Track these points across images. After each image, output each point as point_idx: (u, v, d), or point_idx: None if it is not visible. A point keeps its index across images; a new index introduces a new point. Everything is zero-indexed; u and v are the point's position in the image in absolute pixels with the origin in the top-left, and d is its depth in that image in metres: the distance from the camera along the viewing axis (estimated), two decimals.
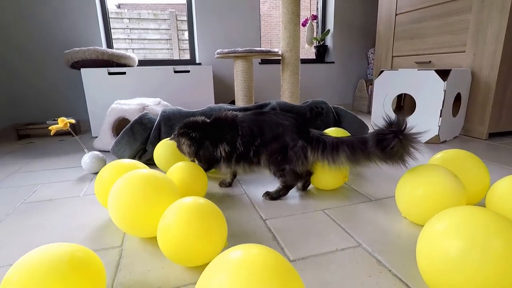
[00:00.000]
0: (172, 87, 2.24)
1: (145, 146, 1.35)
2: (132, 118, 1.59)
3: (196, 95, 2.31)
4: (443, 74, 1.69)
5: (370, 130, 1.59)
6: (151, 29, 4.89)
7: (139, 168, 0.92)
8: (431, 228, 0.57)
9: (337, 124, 1.64)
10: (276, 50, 2.21)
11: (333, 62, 3.38)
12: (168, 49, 5.04)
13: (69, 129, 1.30)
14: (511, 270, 0.47)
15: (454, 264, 0.50)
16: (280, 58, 2.26)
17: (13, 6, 2.22)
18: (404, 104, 2.44)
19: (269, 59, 3.11)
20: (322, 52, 3.39)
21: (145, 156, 1.35)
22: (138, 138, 1.34)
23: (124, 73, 2.12)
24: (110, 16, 2.70)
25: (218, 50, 2.12)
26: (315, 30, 3.28)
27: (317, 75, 3.35)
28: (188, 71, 2.25)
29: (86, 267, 0.48)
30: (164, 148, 1.22)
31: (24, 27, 2.27)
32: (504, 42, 1.71)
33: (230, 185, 1.16)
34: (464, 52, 1.93)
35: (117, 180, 0.84)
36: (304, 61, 3.28)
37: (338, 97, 3.49)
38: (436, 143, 1.79)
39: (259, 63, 3.05)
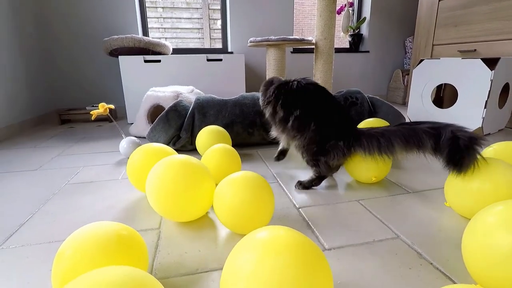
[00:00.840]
0: (205, 75, 2.27)
1: (179, 132, 1.38)
2: (167, 105, 1.63)
3: (228, 84, 2.32)
4: (491, 62, 1.58)
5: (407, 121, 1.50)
6: (184, 18, 4.95)
7: (168, 152, 0.95)
8: (480, 220, 0.54)
9: (372, 114, 1.58)
10: (309, 38, 2.16)
11: (368, 52, 3.25)
12: (199, 38, 5.09)
13: (108, 115, 1.35)
14: None
15: (505, 259, 0.47)
16: (313, 47, 2.21)
17: None
18: (444, 95, 2.31)
19: (302, 48, 3.06)
20: (356, 41, 3.27)
21: (179, 143, 1.38)
22: (172, 124, 1.37)
23: (159, 61, 2.16)
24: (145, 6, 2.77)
25: (251, 39, 2.10)
26: (350, 18, 3.16)
27: (351, 65, 3.24)
28: (221, 60, 2.26)
29: (131, 245, 0.50)
30: (206, 135, 1.25)
31: (66, 16, 2.38)
32: None
33: (277, 159, 1.22)
34: None
35: (148, 163, 0.89)
36: (337, 50, 3.19)
37: (372, 88, 3.37)
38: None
39: (291, 52, 3.00)
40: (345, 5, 3.02)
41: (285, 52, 2.14)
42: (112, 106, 1.33)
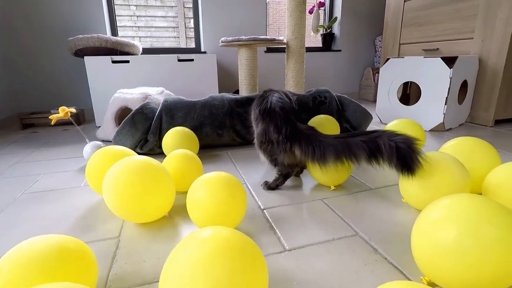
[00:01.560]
0: (176, 76, 2.23)
1: (146, 136, 1.36)
2: (135, 107, 1.59)
3: (200, 84, 2.29)
4: (450, 61, 1.65)
5: (375, 119, 1.55)
6: (158, 16, 4.84)
7: (129, 154, 0.95)
8: (425, 216, 0.56)
9: (340, 112, 1.62)
10: (281, 38, 2.18)
11: (339, 51, 3.31)
12: (175, 37, 5.00)
13: (70, 119, 1.31)
14: (504, 257, 0.47)
15: (447, 251, 0.50)
16: (285, 46, 2.23)
17: None
18: (410, 92, 2.40)
19: (275, 48, 3.07)
20: (328, 40, 3.33)
21: (147, 146, 1.36)
22: (139, 128, 1.34)
23: (128, 61, 2.11)
24: (116, 3, 2.70)
25: (222, 39, 2.09)
26: (321, 18, 3.22)
27: (323, 64, 3.30)
28: (192, 60, 2.24)
29: (76, 259, 0.48)
30: (172, 136, 1.23)
31: (28, 14, 2.27)
32: None
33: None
34: (472, 38, 1.87)
35: (107, 166, 0.89)
36: (310, 49, 3.23)
37: (344, 86, 3.44)
38: (441, 130, 1.76)
39: (265, 51, 3.01)
40: (316, 5, 3.06)
41: (256, 52, 2.14)
42: (73, 110, 1.28)
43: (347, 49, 3.33)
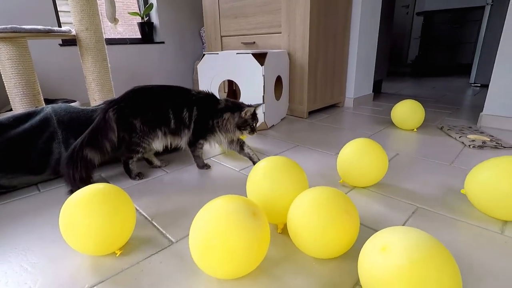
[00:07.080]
0: None
1: None
2: None
3: None
4: (261, 57, 1.56)
5: None
6: None
7: None
8: None
9: None
10: (65, 29, 1.64)
11: (163, 42, 2.97)
12: None
13: None
14: None
15: None
16: (75, 39, 1.71)
17: None
18: (237, 88, 2.31)
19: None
20: (148, 31, 2.92)
21: None
22: None
23: None
24: None
25: None
26: (115, 4, 2.76)
27: (146, 58, 2.88)
28: None
29: None
30: None
31: None
32: (310, 24, 1.71)
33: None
34: (281, 33, 1.87)
35: None
36: (127, 41, 2.74)
37: (175, 82, 3.13)
38: (265, 129, 1.70)
39: (60, 44, 2.34)
40: None
41: (28, 49, 1.53)
42: None
43: (171, 40, 3.01)
